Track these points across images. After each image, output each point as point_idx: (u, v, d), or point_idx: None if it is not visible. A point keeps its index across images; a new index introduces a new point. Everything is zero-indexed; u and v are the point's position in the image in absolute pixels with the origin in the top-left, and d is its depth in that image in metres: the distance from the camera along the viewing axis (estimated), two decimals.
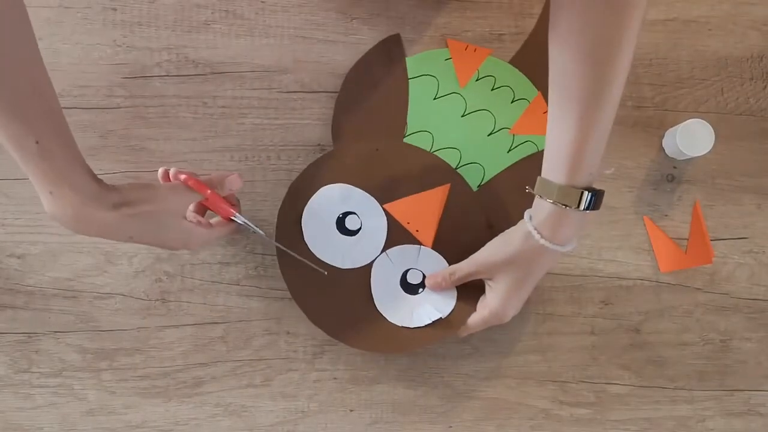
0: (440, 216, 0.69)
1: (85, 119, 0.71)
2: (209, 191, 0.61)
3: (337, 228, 0.69)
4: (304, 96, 0.73)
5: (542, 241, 0.60)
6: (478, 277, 0.66)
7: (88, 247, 0.71)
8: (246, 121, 0.72)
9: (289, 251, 0.67)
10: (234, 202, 0.67)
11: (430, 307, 0.68)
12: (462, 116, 0.72)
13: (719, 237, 0.74)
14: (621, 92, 0.56)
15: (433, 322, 0.67)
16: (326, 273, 0.68)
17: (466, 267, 0.66)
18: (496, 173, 0.71)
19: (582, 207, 0.58)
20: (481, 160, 0.71)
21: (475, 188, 0.71)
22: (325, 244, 0.68)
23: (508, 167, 0.72)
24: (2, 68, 0.49)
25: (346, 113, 0.71)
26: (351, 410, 0.71)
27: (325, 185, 0.69)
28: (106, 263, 0.71)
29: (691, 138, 0.70)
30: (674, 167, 0.74)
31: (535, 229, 0.60)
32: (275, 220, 0.69)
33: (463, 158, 0.71)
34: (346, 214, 0.69)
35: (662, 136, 0.74)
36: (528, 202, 0.62)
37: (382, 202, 0.69)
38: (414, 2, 0.74)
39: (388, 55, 0.72)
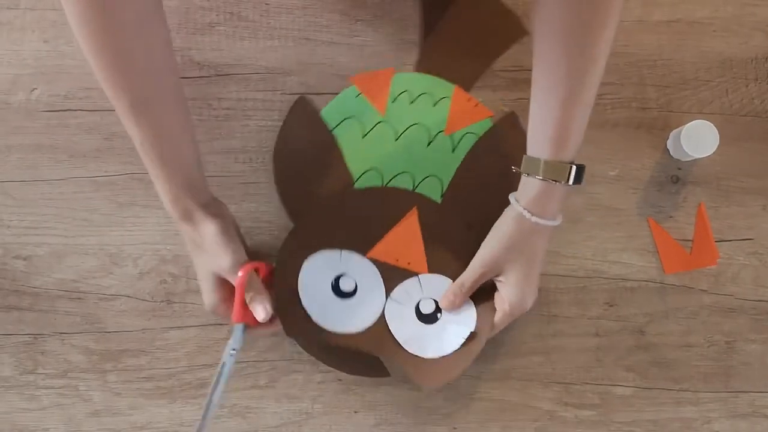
0: (422, 240, 0.68)
1: (90, 121, 0.72)
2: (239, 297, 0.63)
3: (335, 294, 0.68)
4: (308, 98, 0.73)
5: (534, 219, 0.61)
6: (487, 278, 0.65)
7: (93, 249, 0.71)
8: (250, 123, 0.73)
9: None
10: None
11: (456, 327, 0.67)
12: (396, 140, 0.71)
13: (724, 238, 0.74)
14: (604, 68, 0.57)
15: (466, 339, 0.66)
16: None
17: (472, 273, 0.65)
18: (452, 177, 0.71)
19: (571, 181, 0.60)
20: (433, 171, 0.71)
21: (439, 200, 0.70)
22: (334, 317, 0.67)
23: (459, 166, 0.71)
24: (153, 142, 0.58)
25: (290, 188, 0.70)
26: (355, 412, 0.71)
27: (306, 258, 0.67)
28: (111, 265, 0.71)
29: (696, 139, 0.70)
30: (679, 168, 0.74)
31: (525, 208, 0.61)
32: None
33: (416, 178, 0.71)
34: (337, 278, 0.68)
35: (667, 138, 0.74)
36: (494, 190, 0.64)
37: (363, 252, 0.68)
38: (417, 4, 0.74)
39: (304, 117, 0.71)
